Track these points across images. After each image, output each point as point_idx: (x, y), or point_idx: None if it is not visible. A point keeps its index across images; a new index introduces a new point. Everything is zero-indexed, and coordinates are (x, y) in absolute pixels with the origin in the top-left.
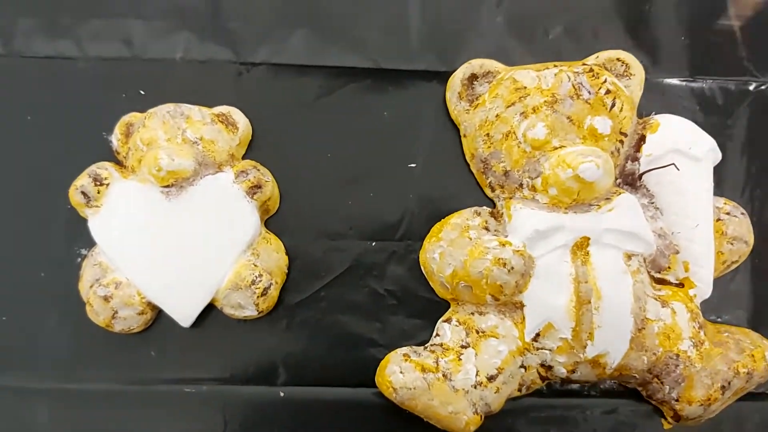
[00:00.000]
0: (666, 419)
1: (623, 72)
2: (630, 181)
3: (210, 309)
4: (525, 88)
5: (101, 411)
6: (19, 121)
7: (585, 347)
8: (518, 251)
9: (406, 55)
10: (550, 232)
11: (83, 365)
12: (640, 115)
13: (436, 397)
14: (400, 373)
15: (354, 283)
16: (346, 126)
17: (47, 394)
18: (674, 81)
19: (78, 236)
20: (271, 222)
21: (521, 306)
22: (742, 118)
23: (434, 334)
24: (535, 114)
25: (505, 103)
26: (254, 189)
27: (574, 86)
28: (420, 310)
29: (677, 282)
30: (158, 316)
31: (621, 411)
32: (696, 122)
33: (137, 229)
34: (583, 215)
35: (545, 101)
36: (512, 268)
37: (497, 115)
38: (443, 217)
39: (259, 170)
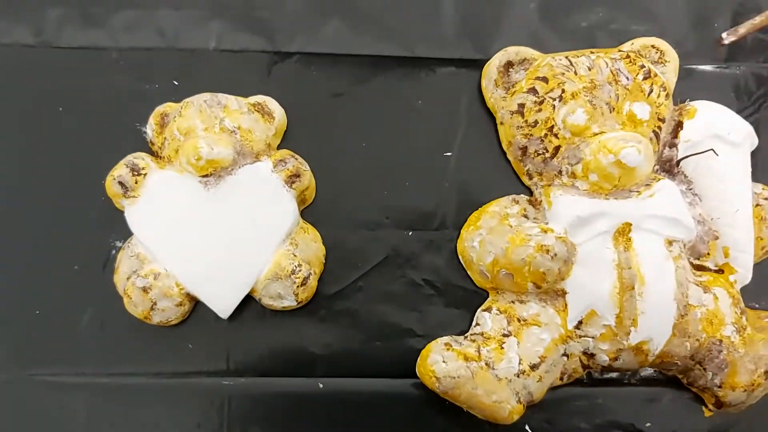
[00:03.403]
0: (707, 407)
1: (658, 59)
2: (668, 167)
3: (247, 301)
4: (563, 74)
5: (140, 405)
6: (50, 112)
7: (628, 334)
8: (561, 238)
9: (440, 43)
10: (592, 218)
11: (119, 359)
12: (674, 102)
13: (480, 386)
14: (443, 362)
15: (391, 273)
16: (381, 115)
17: (83, 388)
18: (708, 68)
19: (112, 228)
20: (307, 212)
21: (563, 293)
22: None
23: (474, 323)
24: (575, 100)
25: (544, 89)
26: (293, 178)
27: (612, 72)
28: (458, 299)
29: (716, 269)
30: (195, 307)
31: (661, 399)
32: (730, 109)
33: (176, 219)
34: (623, 201)
35: (584, 87)
36: (555, 254)
37: (535, 101)
38: (480, 206)
39: (297, 159)
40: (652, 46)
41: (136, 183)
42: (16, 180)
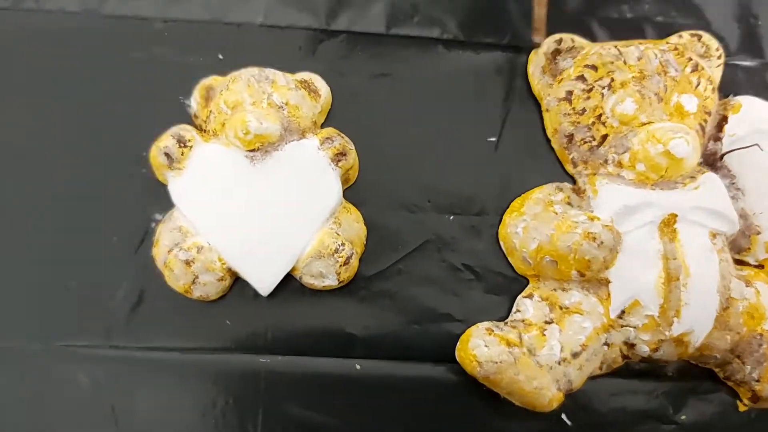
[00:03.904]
0: (741, 401)
1: (703, 53)
2: (711, 161)
3: (286, 279)
4: (612, 63)
5: (174, 379)
6: (94, 82)
7: (671, 325)
8: (607, 226)
9: (487, 28)
10: (638, 208)
11: (155, 333)
12: (718, 97)
13: (521, 372)
14: (485, 346)
15: (431, 257)
16: (425, 98)
17: (117, 361)
18: (752, 63)
19: (152, 202)
20: (349, 193)
21: (606, 282)
22: None
23: (514, 310)
24: (624, 89)
25: (593, 77)
26: (339, 156)
27: (661, 63)
28: (497, 285)
29: (757, 264)
30: (234, 284)
31: (697, 392)
32: None
33: (221, 193)
34: (669, 192)
35: (633, 77)
36: (602, 242)
37: (584, 89)
38: (522, 193)
39: (343, 138)
40: (698, 40)
41: (182, 155)
42: (58, 149)
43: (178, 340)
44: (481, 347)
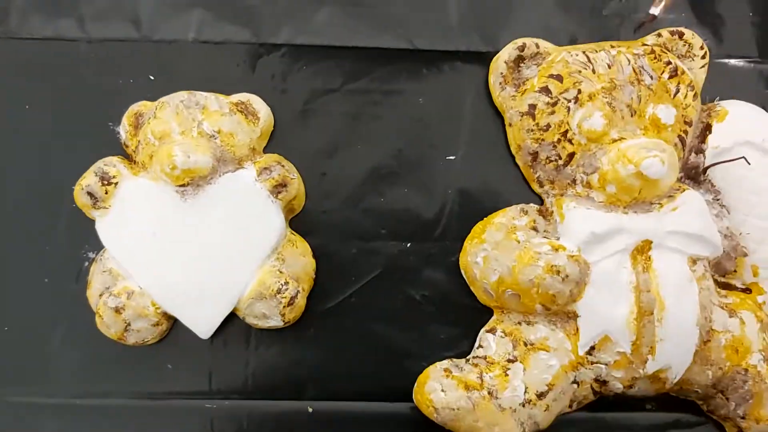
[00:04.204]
0: None
1: (685, 53)
2: (693, 175)
3: (231, 317)
4: (580, 72)
5: (116, 427)
6: (16, 110)
7: (645, 362)
8: (573, 257)
9: (444, 34)
10: (608, 235)
11: (94, 379)
12: (703, 101)
13: (481, 418)
14: (442, 391)
15: (387, 289)
16: (378, 114)
17: (56, 410)
18: (740, 62)
19: (84, 238)
20: (295, 222)
21: (575, 316)
22: None
23: (477, 345)
24: (592, 102)
25: (558, 89)
26: (279, 188)
27: (634, 70)
28: (460, 317)
29: (744, 287)
30: (174, 325)
31: (679, 425)
32: (764, 108)
33: (150, 233)
34: (643, 215)
35: (603, 87)
36: (567, 276)
37: (548, 102)
38: (486, 215)
39: (283, 166)
40: (680, 38)
41: (106, 193)
42: None
43: (119, 385)
44: (437, 392)
